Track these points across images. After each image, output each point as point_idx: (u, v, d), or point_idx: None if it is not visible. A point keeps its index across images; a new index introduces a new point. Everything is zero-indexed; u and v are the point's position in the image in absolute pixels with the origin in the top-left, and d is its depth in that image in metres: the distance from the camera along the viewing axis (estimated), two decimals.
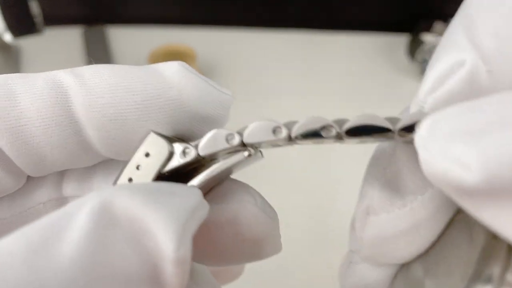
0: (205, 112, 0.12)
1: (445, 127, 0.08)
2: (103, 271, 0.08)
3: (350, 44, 0.57)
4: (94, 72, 0.11)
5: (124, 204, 0.08)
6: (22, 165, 0.12)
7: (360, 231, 0.12)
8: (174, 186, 0.10)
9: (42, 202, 0.13)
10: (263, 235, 0.12)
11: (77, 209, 0.08)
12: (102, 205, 0.08)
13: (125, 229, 0.08)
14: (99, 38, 0.57)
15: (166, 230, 0.08)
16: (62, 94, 0.11)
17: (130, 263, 0.08)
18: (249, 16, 0.59)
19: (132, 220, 0.08)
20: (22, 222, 0.13)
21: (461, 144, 0.08)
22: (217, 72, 0.53)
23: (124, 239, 0.08)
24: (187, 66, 0.12)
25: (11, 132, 0.11)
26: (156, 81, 0.11)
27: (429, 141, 0.08)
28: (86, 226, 0.08)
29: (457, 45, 0.10)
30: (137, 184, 0.10)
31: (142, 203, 0.08)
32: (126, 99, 0.11)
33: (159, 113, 0.11)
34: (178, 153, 0.11)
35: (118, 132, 0.11)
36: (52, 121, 0.11)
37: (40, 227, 0.08)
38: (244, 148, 0.10)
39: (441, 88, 0.10)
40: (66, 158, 0.12)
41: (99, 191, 0.09)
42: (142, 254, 0.08)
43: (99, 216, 0.08)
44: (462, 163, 0.07)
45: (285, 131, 0.10)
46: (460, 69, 0.09)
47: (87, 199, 0.08)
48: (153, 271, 0.08)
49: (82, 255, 0.07)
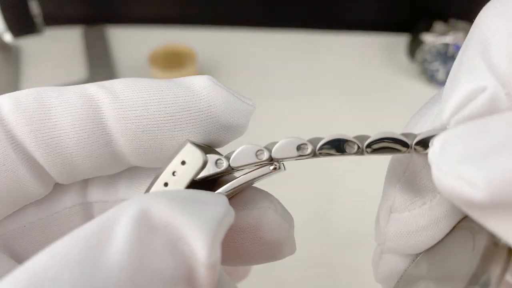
0: (231, 122, 0.13)
1: (455, 147, 0.09)
2: (146, 274, 0.09)
3: (350, 44, 0.57)
4: (125, 85, 0.12)
5: (162, 212, 0.09)
6: (54, 174, 0.12)
7: (384, 227, 0.13)
8: (205, 195, 0.11)
9: (68, 207, 0.14)
10: (282, 238, 0.14)
11: (119, 216, 0.09)
12: (141, 212, 0.09)
13: (163, 235, 0.09)
14: (99, 38, 0.57)
15: (200, 237, 0.09)
16: (94, 108, 0.12)
17: (168, 266, 0.09)
18: (249, 16, 0.59)
19: (169, 226, 0.09)
20: (49, 226, 0.13)
21: (469, 164, 0.09)
22: (217, 72, 0.53)
23: (162, 244, 0.09)
24: (214, 79, 0.13)
25: (46, 144, 0.12)
26: (186, 93, 0.12)
27: (440, 160, 0.09)
28: (129, 234, 0.09)
29: (478, 70, 0.10)
30: (172, 191, 0.10)
31: (177, 211, 0.09)
32: (159, 111, 0.12)
33: (190, 124, 0.12)
34: (211, 163, 0.12)
35: (151, 142, 0.12)
36: (85, 133, 0.12)
37: (88, 234, 0.09)
38: (270, 163, 0.12)
39: (463, 111, 0.10)
40: (96, 167, 0.13)
41: (137, 198, 0.10)
42: (179, 258, 0.09)
43: (140, 224, 0.09)
44: (470, 182, 0.08)
45: (310, 148, 0.11)
46: (481, 95, 0.10)
47: (126, 206, 0.09)
48: (188, 273, 0.09)
49: (128, 261, 0.08)
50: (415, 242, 0.13)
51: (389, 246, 0.14)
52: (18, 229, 0.13)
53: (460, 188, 0.09)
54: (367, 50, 0.56)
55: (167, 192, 0.10)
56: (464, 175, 0.09)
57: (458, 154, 0.09)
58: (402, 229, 0.13)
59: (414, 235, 0.13)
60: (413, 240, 0.13)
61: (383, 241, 0.14)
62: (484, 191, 0.08)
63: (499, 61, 0.10)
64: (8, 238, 0.13)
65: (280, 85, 0.51)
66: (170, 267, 0.09)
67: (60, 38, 0.57)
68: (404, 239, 0.13)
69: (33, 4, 0.46)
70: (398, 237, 0.13)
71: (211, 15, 0.59)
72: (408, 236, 0.13)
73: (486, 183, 0.08)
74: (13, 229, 0.13)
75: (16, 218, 0.13)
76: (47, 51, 0.55)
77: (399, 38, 0.57)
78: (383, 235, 0.14)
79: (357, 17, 0.58)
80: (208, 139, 0.13)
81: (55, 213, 0.14)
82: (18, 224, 0.13)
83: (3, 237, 0.13)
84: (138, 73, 0.52)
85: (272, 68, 0.53)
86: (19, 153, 0.12)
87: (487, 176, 0.08)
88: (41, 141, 0.12)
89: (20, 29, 0.47)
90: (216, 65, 0.54)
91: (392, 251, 0.14)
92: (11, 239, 0.13)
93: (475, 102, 0.10)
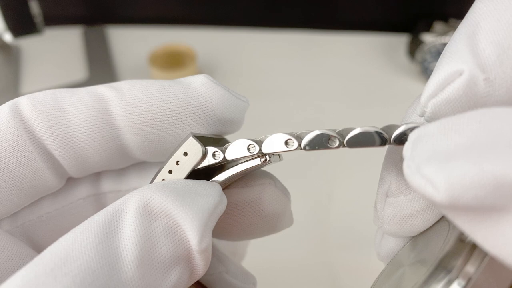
0: (226, 116, 0.14)
1: (424, 145, 0.09)
2: (151, 255, 0.10)
3: (350, 44, 0.57)
4: (131, 85, 0.14)
5: (160, 202, 0.11)
6: (68, 167, 0.14)
7: (381, 210, 0.14)
8: (200, 186, 0.12)
9: (82, 197, 0.15)
10: (281, 210, 0.15)
11: (125, 206, 0.11)
12: (143, 202, 0.11)
13: (163, 222, 0.11)
14: (99, 38, 0.57)
15: (191, 227, 0.11)
16: (104, 105, 0.13)
17: (169, 248, 0.10)
18: (249, 16, 0.59)
19: (167, 215, 0.11)
20: (65, 215, 0.15)
21: (433, 165, 0.09)
22: (217, 72, 0.53)
23: (162, 230, 0.11)
24: (210, 78, 0.14)
25: (61, 138, 0.13)
26: (185, 91, 0.13)
27: (410, 157, 0.10)
28: (135, 222, 0.10)
29: (458, 53, 0.10)
30: (170, 183, 0.12)
31: (173, 202, 0.11)
32: (162, 106, 0.13)
33: (190, 118, 0.13)
34: (210, 154, 0.13)
35: (155, 135, 0.14)
36: (95, 128, 0.13)
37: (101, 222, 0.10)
38: (261, 155, 0.13)
39: (440, 94, 0.11)
40: (105, 161, 0.14)
41: (140, 190, 0.11)
42: (177, 241, 0.11)
43: (142, 212, 0.11)
44: (432, 183, 0.09)
45: (296, 142, 0.12)
46: (458, 78, 0.10)
47: (130, 197, 0.11)
48: (186, 255, 0.11)
49: (136, 244, 0.10)
50: (410, 225, 0.13)
51: (386, 229, 0.14)
52: (36, 219, 0.14)
53: (424, 188, 0.09)
54: (367, 50, 0.56)
55: (166, 184, 0.12)
56: (428, 176, 0.09)
57: (426, 153, 0.09)
58: (397, 213, 0.13)
59: (409, 219, 0.13)
60: (408, 223, 0.13)
61: (380, 225, 0.14)
62: (444, 194, 0.08)
63: (484, 46, 0.10)
64: (27, 227, 0.14)
65: (280, 85, 0.51)
66: (170, 249, 0.11)
67: (60, 38, 0.57)
68: (400, 223, 0.13)
69: (33, 4, 0.46)
70: (394, 220, 0.13)
71: (211, 15, 0.59)
72: (404, 219, 0.13)
73: (446, 186, 0.08)
74: (32, 219, 0.14)
75: (34, 209, 0.14)
76: (47, 51, 0.55)
77: (399, 38, 0.56)
78: (380, 218, 0.14)
79: (357, 17, 0.58)
80: (207, 132, 0.14)
81: (70, 203, 0.15)
82: (37, 214, 0.14)
83: (23, 227, 0.14)
84: (138, 73, 0.52)
85: (272, 68, 0.53)
86: (37, 147, 0.13)
87: (448, 179, 0.08)
88: (56, 136, 0.13)
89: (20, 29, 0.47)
90: (216, 65, 0.54)
91: (390, 234, 0.14)
92: (30, 229, 0.14)
93: (452, 86, 0.10)
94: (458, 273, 0.10)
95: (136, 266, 0.10)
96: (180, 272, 0.11)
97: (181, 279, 0.11)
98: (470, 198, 0.08)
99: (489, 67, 0.10)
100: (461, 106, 0.11)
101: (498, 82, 0.10)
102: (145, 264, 0.10)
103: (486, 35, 0.10)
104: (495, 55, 0.10)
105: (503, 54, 0.10)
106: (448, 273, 0.11)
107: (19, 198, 0.13)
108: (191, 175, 0.13)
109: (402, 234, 0.14)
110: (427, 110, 0.11)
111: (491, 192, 0.08)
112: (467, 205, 0.08)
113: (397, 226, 0.13)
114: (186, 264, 0.11)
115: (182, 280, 0.11)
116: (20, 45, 0.55)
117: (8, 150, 0.13)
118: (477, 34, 0.10)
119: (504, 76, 0.10)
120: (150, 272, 0.10)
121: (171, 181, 0.12)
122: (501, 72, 0.10)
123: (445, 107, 0.11)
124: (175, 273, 0.11)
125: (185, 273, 0.11)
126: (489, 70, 0.10)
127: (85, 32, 0.58)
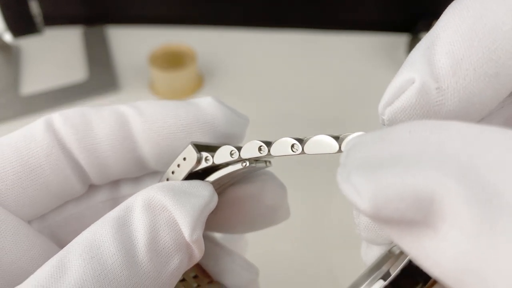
0: (230, 131, 0.16)
1: (356, 153, 0.10)
2: (157, 242, 0.12)
3: (350, 44, 0.57)
4: (148, 104, 0.16)
5: (161, 200, 0.13)
6: (91, 174, 0.16)
7: (356, 217, 0.14)
8: (194, 187, 0.14)
9: (102, 201, 0.17)
10: (280, 203, 0.17)
11: (134, 204, 0.13)
12: (147, 200, 0.13)
13: (164, 216, 0.13)
14: (99, 38, 0.57)
15: (184, 222, 0.13)
16: (125, 121, 0.15)
17: (171, 237, 0.12)
18: (249, 16, 0.59)
19: (166, 210, 0.13)
20: (86, 217, 0.17)
21: (361, 174, 0.09)
22: (217, 72, 0.53)
23: (165, 222, 0.13)
24: (216, 99, 0.16)
25: (87, 149, 0.15)
26: (195, 109, 0.16)
27: (343, 165, 0.10)
28: (143, 216, 0.12)
29: (414, 63, 0.11)
30: (170, 184, 0.14)
31: (171, 200, 0.13)
32: (175, 123, 0.15)
33: (198, 133, 0.16)
34: (203, 159, 0.15)
35: (168, 147, 0.16)
36: (117, 141, 0.15)
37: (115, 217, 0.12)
38: (241, 160, 0.14)
39: (395, 102, 0.11)
40: (124, 170, 0.16)
41: (144, 190, 0.13)
42: (176, 232, 0.13)
43: (147, 208, 0.13)
44: (358, 192, 0.09)
45: (267, 149, 0.13)
46: (410, 87, 0.11)
47: (138, 196, 0.13)
48: (186, 243, 0.13)
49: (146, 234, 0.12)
50: (384, 233, 0.13)
51: (364, 237, 0.14)
52: (62, 220, 0.16)
53: (351, 195, 0.09)
54: (367, 50, 0.56)
55: (166, 184, 0.14)
56: (355, 184, 0.09)
57: (357, 161, 0.09)
58: (370, 221, 0.13)
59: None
60: (382, 231, 0.14)
61: (358, 232, 0.14)
62: (367, 204, 0.08)
63: (440, 56, 0.10)
64: (54, 227, 0.16)
65: (280, 85, 0.51)
66: (172, 238, 0.12)
67: (60, 38, 0.57)
68: (374, 230, 0.14)
69: (33, 4, 0.46)
70: (368, 228, 0.14)
71: (211, 15, 0.59)
72: (377, 227, 0.14)
73: (370, 196, 0.08)
74: (58, 220, 0.16)
75: (60, 211, 0.16)
76: (47, 51, 0.55)
77: (399, 38, 0.57)
78: (357, 225, 0.14)
79: (357, 17, 0.58)
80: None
81: (91, 206, 0.17)
82: (62, 216, 0.16)
83: (51, 227, 0.16)
84: (138, 73, 0.52)
85: (272, 68, 0.53)
86: (67, 156, 0.15)
87: (373, 190, 0.08)
88: (83, 147, 0.15)
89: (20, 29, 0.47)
90: (216, 65, 0.54)
91: (368, 241, 0.14)
92: (57, 229, 0.16)
93: (405, 94, 0.11)
94: (385, 276, 0.12)
95: (146, 251, 0.12)
96: (181, 257, 0.13)
97: (182, 262, 0.13)
98: (392, 210, 0.08)
99: (442, 76, 0.10)
100: (415, 114, 0.11)
101: (450, 91, 0.10)
102: (153, 250, 0.12)
103: (442, 46, 0.10)
104: (449, 66, 0.10)
105: (456, 64, 0.10)
106: (378, 276, 0.12)
107: (49, 201, 0.15)
108: (189, 176, 0.15)
109: (378, 241, 0.14)
110: (384, 118, 0.11)
111: (411, 206, 0.08)
112: (390, 217, 0.08)
113: (372, 233, 0.14)
114: (185, 251, 0.13)
115: (183, 263, 0.13)
116: (20, 45, 0.55)
117: (43, 158, 0.15)
118: (435, 45, 0.11)
119: (456, 86, 0.10)
120: (157, 256, 0.12)
121: (171, 182, 0.14)
122: (454, 82, 0.10)
123: (400, 115, 0.11)
124: (177, 258, 0.13)
125: (185, 257, 0.13)
126: (442, 80, 0.10)
127: (85, 32, 0.58)
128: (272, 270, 0.34)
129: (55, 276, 0.11)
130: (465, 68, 0.10)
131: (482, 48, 0.10)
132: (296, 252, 0.35)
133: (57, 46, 0.56)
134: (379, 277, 0.12)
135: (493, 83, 0.10)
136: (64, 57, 0.55)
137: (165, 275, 0.12)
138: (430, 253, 0.08)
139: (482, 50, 0.10)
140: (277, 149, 0.13)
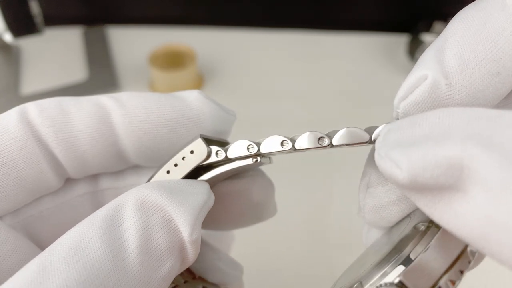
0: (216, 128, 0.16)
1: (392, 136, 0.11)
2: (151, 245, 0.12)
3: (350, 44, 0.57)
4: (130, 96, 0.15)
5: (156, 199, 0.12)
6: (69, 168, 0.15)
7: (362, 200, 0.15)
8: (190, 185, 0.13)
9: (79, 195, 0.16)
10: (267, 199, 0.17)
11: (124, 203, 0.12)
12: (141, 199, 0.12)
13: (158, 216, 0.12)
14: (99, 38, 0.57)
15: (184, 221, 0.12)
16: (105, 113, 0.14)
17: (165, 239, 0.12)
18: (249, 16, 0.59)
19: (162, 210, 0.12)
20: (63, 211, 0.16)
21: (399, 150, 0.10)
22: (216, 72, 0.53)
23: (159, 223, 0.12)
24: (203, 93, 0.16)
25: (65, 142, 0.14)
26: (181, 104, 0.15)
27: (380, 146, 0.11)
28: (135, 216, 0.12)
29: (426, 63, 0.12)
30: (165, 182, 0.13)
31: (168, 199, 0.12)
32: (159, 117, 0.15)
33: (183, 128, 0.15)
34: (213, 153, 0.14)
35: (150, 142, 0.15)
36: (97, 134, 0.14)
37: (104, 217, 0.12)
38: (256, 155, 0.14)
39: (410, 96, 0.12)
40: (103, 164, 0.15)
41: (137, 188, 0.12)
42: (171, 233, 0.12)
43: (140, 208, 0.12)
44: (397, 164, 0.10)
45: (291, 143, 0.13)
46: (423, 82, 0.12)
47: (129, 194, 0.12)
48: (180, 245, 0.12)
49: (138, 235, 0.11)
50: (387, 215, 0.15)
51: (367, 219, 0.15)
52: (37, 214, 0.16)
53: (390, 169, 0.10)
54: (367, 50, 0.56)
55: (161, 183, 0.13)
56: (394, 158, 0.10)
57: (393, 142, 0.11)
58: (376, 203, 0.15)
59: (387, 208, 0.14)
60: (386, 213, 0.14)
61: (362, 215, 0.15)
62: (406, 173, 0.10)
63: (449, 57, 0.12)
64: (29, 222, 0.15)
65: (280, 85, 0.51)
66: (166, 239, 0.12)
67: (60, 38, 0.57)
68: (378, 212, 0.15)
69: (33, 4, 0.46)
70: (373, 210, 0.15)
71: (211, 15, 0.59)
72: (381, 209, 0.14)
73: (408, 165, 0.10)
74: (33, 214, 0.15)
75: (35, 205, 0.15)
76: (47, 51, 0.55)
77: (399, 38, 0.57)
78: (362, 208, 0.15)
79: (357, 17, 0.58)
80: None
81: (68, 200, 0.16)
82: (37, 210, 0.16)
83: (24, 222, 0.15)
84: (138, 73, 0.52)
85: (272, 68, 0.53)
86: (42, 149, 0.14)
87: (410, 160, 0.10)
88: (60, 140, 0.14)
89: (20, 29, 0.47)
90: (216, 65, 0.54)
91: (370, 223, 0.15)
92: (31, 224, 0.15)
93: (419, 89, 0.12)
94: (408, 253, 0.12)
95: (137, 254, 0.11)
96: (174, 260, 0.12)
97: (174, 266, 0.12)
98: (428, 176, 0.10)
99: (451, 74, 0.12)
100: (427, 107, 0.12)
101: (458, 87, 0.12)
102: (144, 252, 0.11)
103: (451, 49, 0.12)
104: (457, 65, 0.12)
105: (463, 64, 0.12)
106: (399, 253, 0.12)
107: (23, 195, 0.14)
108: (193, 171, 0.14)
109: (381, 224, 0.15)
110: (399, 111, 0.13)
111: (444, 172, 0.10)
112: (425, 184, 0.10)
113: (376, 215, 0.15)
114: (179, 253, 0.12)
115: (175, 267, 0.12)
116: (20, 45, 0.55)
117: (16, 151, 0.14)
118: (445, 48, 0.12)
119: (463, 82, 0.12)
120: (148, 260, 0.11)
121: (165, 181, 0.13)
122: (461, 79, 0.12)
123: (413, 108, 0.12)
124: (170, 261, 0.12)
125: (177, 261, 0.12)
126: (451, 77, 0.12)
127: (85, 32, 0.58)
128: (271, 270, 0.34)
129: (36, 282, 0.10)
130: (471, 67, 0.12)
131: (485, 50, 0.12)
132: (295, 252, 0.35)
133: (57, 46, 0.56)
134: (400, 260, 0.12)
135: (495, 81, 0.12)
136: (64, 57, 0.55)
137: (157, 279, 0.12)
138: (460, 214, 0.10)
139: (486, 52, 0.12)
140: (301, 142, 0.13)
